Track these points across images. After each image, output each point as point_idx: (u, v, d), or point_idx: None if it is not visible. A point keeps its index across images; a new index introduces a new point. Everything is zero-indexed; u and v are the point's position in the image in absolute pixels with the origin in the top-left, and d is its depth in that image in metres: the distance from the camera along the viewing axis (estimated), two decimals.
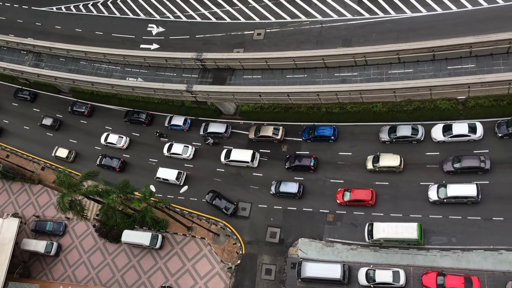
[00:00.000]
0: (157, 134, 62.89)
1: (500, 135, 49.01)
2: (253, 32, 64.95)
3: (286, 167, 55.75)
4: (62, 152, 65.35)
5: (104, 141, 64.56)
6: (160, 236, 57.49)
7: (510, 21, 51.60)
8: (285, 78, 54.04)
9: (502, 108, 49.20)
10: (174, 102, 63.12)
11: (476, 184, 47.15)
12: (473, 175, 48.40)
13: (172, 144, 61.08)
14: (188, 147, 60.58)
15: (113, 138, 64.07)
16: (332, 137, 55.23)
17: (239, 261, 54.33)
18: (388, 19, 58.54)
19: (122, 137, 64.01)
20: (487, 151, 49.01)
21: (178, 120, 62.76)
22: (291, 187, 54.04)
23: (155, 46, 68.02)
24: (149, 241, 56.84)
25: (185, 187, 51.04)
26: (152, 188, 50.53)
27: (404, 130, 52.20)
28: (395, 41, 53.72)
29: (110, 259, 59.59)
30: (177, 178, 58.72)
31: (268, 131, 57.94)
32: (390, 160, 51.14)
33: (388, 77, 49.99)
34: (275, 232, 53.97)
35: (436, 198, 48.11)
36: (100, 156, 63.63)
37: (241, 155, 57.36)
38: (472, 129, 49.67)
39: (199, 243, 56.86)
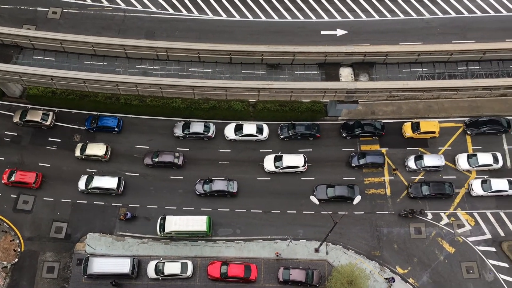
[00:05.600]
0: None
1: (282, 137, 54.94)
2: (48, 9, 59.54)
3: None
4: None
5: None
6: None
7: (296, 36, 58.47)
8: (82, 64, 50.90)
9: (285, 113, 55.16)
10: None
11: (119, 177, 51.50)
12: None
13: None
14: None
15: None
16: (116, 129, 54.34)
17: (16, 260, 49.15)
18: (191, 18, 60.21)
19: None
20: (271, 150, 54.41)
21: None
22: None
23: None
24: None
25: None
26: None
27: (197, 127, 54.34)
28: (197, 40, 55.65)
29: None
30: None
31: (36, 116, 53.69)
32: (96, 149, 52.87)
33: (188, 75, 51.29)
34: (61, 227, 50.50)
35: (83, 188, 51.25)
36: None
37: None
38: (260, 130, 54.55)
39: None
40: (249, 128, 54.46)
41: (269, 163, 52.99)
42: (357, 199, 42.12)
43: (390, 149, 54.51)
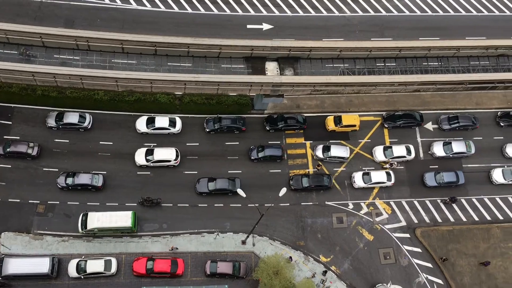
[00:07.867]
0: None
1: (207, 130, 54.75)
2: None
3: None
4: None
5: None
6: None
7: (222, 29, 58.23)
8: None
9: (211, 106, 54.93)
10: None
11: None
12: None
13: None
14: None
15: None
16: None
17: None
18: (113, 6, 57.96)
19: None
20: (198, 144, 54.11)
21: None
22: None
23: None
24: None
25: None
26: None
27: (71, 117, 51.89)
28: (120, 30, 53.85)
29: None
30: None
31: None
32: None
33: (111, 66, 49.84)
34: None
35: None
36: None
37: None
38: (173, 123, 53.45)
39: None
40: (162, 121, 53.19)
41: (140, 157, 51.77)
42: (283, 191, 43.01)
43: (314, 142, 56.25)
